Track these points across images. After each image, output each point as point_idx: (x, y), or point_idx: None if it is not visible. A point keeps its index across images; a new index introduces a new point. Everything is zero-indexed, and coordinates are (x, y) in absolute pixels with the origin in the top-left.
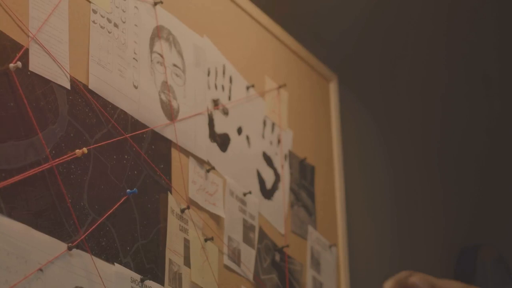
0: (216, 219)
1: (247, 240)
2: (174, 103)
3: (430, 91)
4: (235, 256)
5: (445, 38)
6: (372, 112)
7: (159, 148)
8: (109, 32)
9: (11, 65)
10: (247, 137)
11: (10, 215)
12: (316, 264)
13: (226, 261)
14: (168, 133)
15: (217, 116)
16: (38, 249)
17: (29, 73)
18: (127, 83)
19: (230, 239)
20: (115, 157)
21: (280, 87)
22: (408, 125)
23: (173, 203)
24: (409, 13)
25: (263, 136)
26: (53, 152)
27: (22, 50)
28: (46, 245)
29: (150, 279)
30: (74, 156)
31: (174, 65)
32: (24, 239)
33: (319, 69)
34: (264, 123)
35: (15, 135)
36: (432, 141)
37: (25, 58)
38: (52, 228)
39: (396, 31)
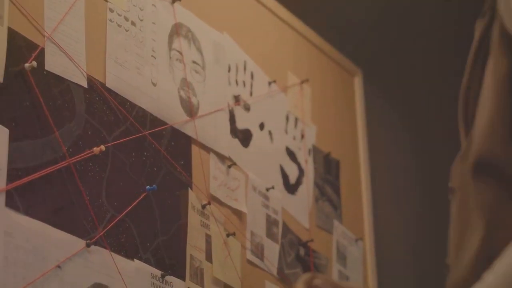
0: (238, 214)
1: (270, 235)
2: (194, 100)
3: (456, 84)
4: (258, 251)
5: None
6: (397, 106)
7: (179, 145)
8: (126, 30)
9: (27, 64)
10: (270, 133)
11: (27, 213)
12: (342, 258)
13: (249, 256)
14: (188, 130)
15: (239, 112)
16: (56, 246)
17: (45, 72)
18: (145, 80)
19: (253, 234)
20: (134, 154)
21: (302, 82)
22: (433, 118)
23: (194, 199)
24: (434, 8)
25: (286, 131)
26: (70, 150)
27: (38, 50)
28: (64, 242)
29: (170, 275)
30: (92, 153)
31: (194, 62)
32: (42, 236)
33: (343, 63)
34: (287, 118)
35: (31, 134)
36: (457, 133)
37: (41, 58)
38: (70, 226)
39: (422, 25)
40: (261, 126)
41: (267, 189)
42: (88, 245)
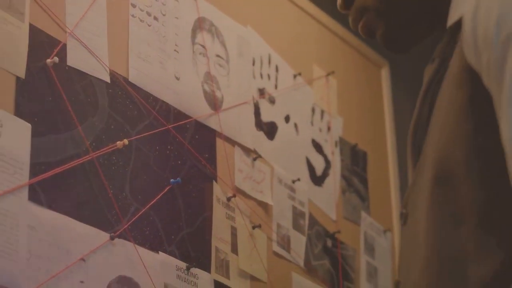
0: (264, 206)
1: (296, 226)
2: (218, 93)
3: None
4: (285, 243)
5: None
6: None
7: (203, 138)
8: (149, 25)
9: (48, 60)
10: (295, 125)
11: (50, 207)
12: (370, 249)
13: (275, 247)
14: (212, 123)
15: (263, 105)
16: (80, 239)
17: (67, 68)
18: (169, 74)
19: (279, 226)
20: (157, 147)
21: (328, 74)
22: None
23: (219, 191)
24: None
25: (311, 124)
26: (93, 144)
27: (60, 46)
28: (88, 235)
29: (196, 267)
30: (115, 147)
31: (217, 55)
32: (65, 230)
33: (369, 55)
34: (313, 110)
35: (54, 129)
36: None
37: (63, 54)
38: (94, 219)
39: None
40: (287, 119)
41: (293, 181)
42: (112, 238)
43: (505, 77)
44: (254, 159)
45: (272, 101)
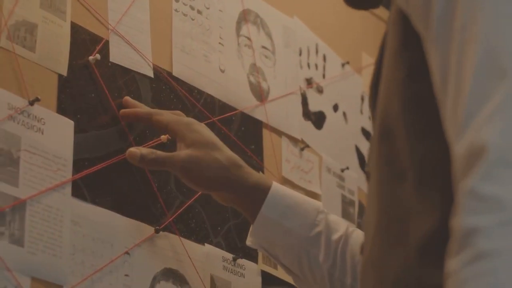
0: (312, 196)
1: (346, 215)
2: (264, 85)
3: None
4: None
5: None
6: None
7: (249, 129)
8: (192, 19)
9: (90, 57)
10: (344, 114)
11: (94, 202)
12: None
13: None
14: (258, 114)
15: (311, 94)
16: (124, 233)
17: (109, 64)
18: (213, 67)
19: None
20: None
21: None
22: None
23: None
24: None
25: (361, 112)
26: (137, 139)
27: (102, 43)
28: (132, 229)
29: (242, 258)
30: (160, 141)
31: (263, 47)
32: (109, 224)
33: None
34: (362, 99)
35: (97, 125)
36: None
37: (105, 50)
38: (138, 213)
39: None
40: (335, 108)
41: (342, 170)
42: (157, 231)
43: (430, 15)
44: (302, 149)
45: (320, 90)
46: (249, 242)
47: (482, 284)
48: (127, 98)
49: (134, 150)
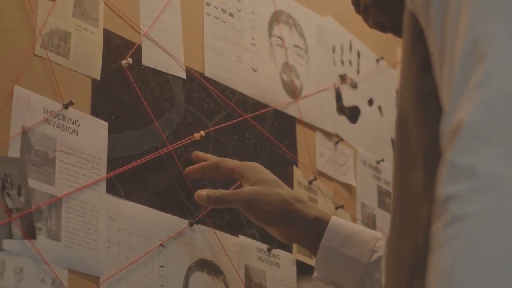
0: (348, 188)
1: (382, 205)
2: (297, 82)
3: None
4: (370, 221)
5: None
6: None
7: (283, 126)
8: (224, 22)
9: (123, 62)
10: (379, 108)
11: (129, 197)
12: None
13: None
14: (291, 111)
15: (345, 90)
16: (159, 227)
17: (142, 67)
18: (246, 67)
19: (363, 205)
20: (236, 137)
21: None
22: None
23: (300, 175)
24: None
25: (396, 105)
26: (171, 137)
27: (134, 48)
28: (167, 222)
29: (277, 248)
30: (193, 139)
31: (296, 46)
32: (144, 218)
33: None
34: (397, 93)
35: (130, 125)
36: None
37: (138, 54)
38: (173, 207)
39: None
40: (370, 102)
41: (377, 162)
42: (191, 224)
43: (430, 10)
44: (336, 143)
45: (354, 86)
46: (315, 275)
47: (453, 244)
48: (197, 152)
49: (201, 191)
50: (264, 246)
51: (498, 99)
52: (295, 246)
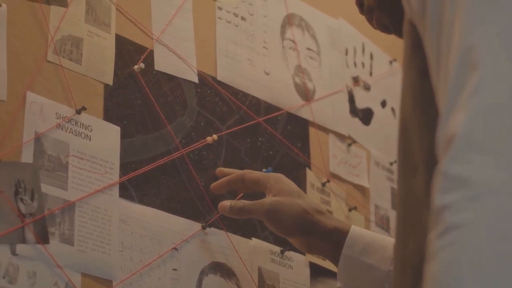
0: (361, 190)
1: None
2: (310, 85)
3: None
4: (383, 223)
5: None
6: None
7: (295, 128)
8: (236, 26)
9: (135, 66)
10: (392, 109)
11: (141, 201)
12: None
13: (374, 228)
14: (304, 113)
15: (358, 92)
16: (172, 230)
17: (154, 72)
18: (258, 71)
19: (377, 207)
20: (248, 140)
21: None
22: None
23: (313, 178)
24: None
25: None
26: (183, 141)
27: (146, 53)
28: (180, 226)
29: (290, 250)
30: (205, 143)
31: (308, 48)
32: (157, 222)
33: None
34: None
35: (143, 130)
36: None
37: (150, 59)
38: (185, 211)
39: None
40: (383, 104)
41: (391, 163)
42: (204, 228)
43: (426, 17)
44: (349, 145)
45: (367, 88)
46: (338, 286)
47: (447, 253)
48: (221, 168)
49: (224, 202)
50: (277, 249)
51: (490, 108)
52: None
